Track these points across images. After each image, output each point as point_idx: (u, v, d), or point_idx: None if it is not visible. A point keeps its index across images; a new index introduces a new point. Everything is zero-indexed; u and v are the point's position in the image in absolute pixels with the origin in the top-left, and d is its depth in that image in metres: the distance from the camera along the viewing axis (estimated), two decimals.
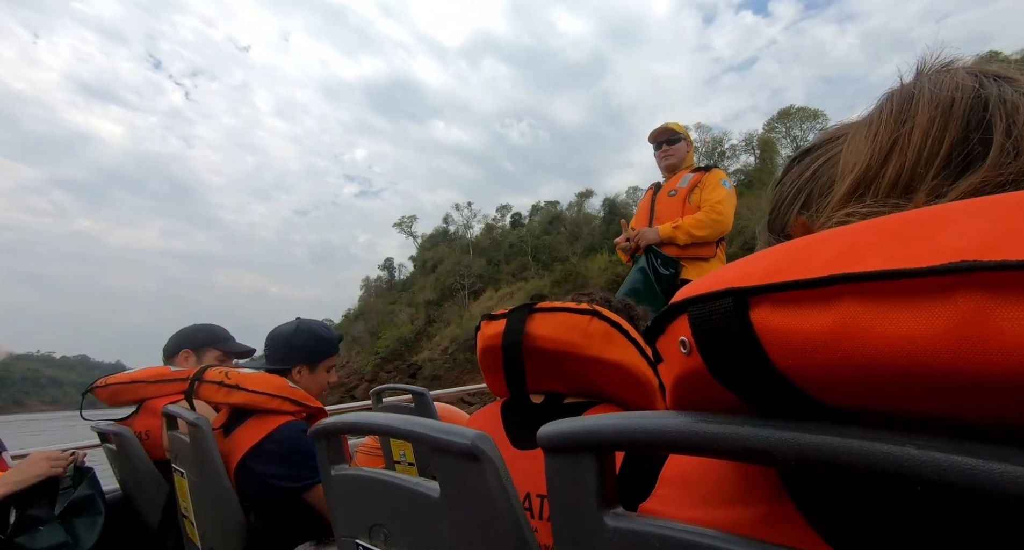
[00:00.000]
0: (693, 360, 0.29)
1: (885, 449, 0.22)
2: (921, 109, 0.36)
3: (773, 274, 0.26)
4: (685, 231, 2.45)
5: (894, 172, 0.36)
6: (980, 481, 0.20)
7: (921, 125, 0.35)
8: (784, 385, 0.26)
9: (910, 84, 0.39)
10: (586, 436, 0.38)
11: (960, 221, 0.22)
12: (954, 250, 0.21)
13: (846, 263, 0.23)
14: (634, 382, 0.81)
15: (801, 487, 0.32)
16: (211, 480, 1.24)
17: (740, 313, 0.26)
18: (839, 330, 0.23)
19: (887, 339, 0.21)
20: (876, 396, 0.23)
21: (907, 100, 0.37)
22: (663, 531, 0.33)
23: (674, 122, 2.74)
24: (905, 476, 0.22)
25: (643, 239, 2.51)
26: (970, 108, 0.35)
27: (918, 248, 0.22)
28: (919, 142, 0.35)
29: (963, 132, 0.34)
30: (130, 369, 1.75)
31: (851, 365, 0.23)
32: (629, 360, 0.81)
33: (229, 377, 1.31)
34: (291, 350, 1.48)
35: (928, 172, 0.34)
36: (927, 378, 0.21)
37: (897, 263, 0.22)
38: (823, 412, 0.26)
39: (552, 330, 0.83)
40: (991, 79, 0.36)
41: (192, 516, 1.37)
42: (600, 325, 0.81)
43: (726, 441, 0.28)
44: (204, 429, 1.23)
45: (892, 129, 0.37)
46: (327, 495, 0.77)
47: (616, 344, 0.81)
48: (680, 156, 2.69)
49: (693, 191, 2.58)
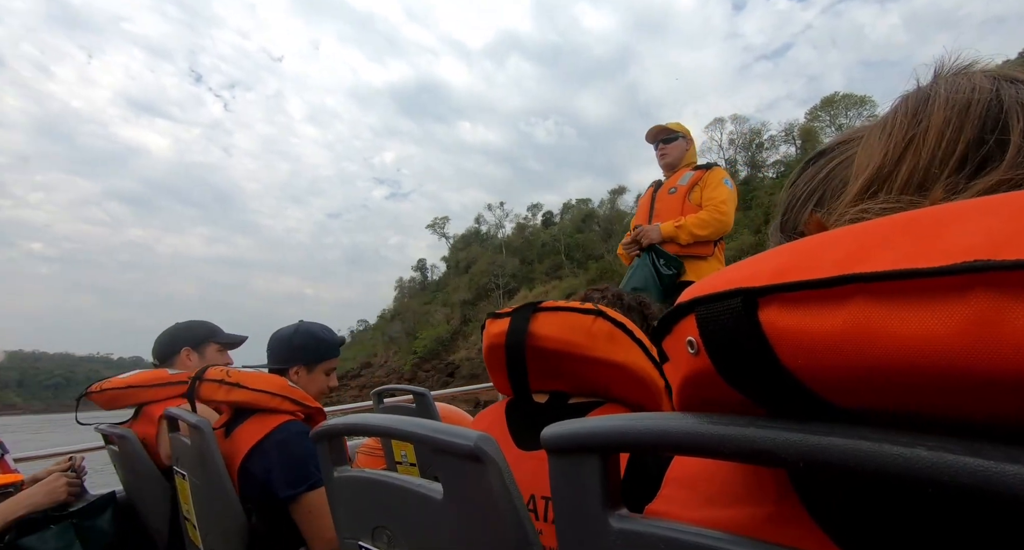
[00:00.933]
0: (701, 360, 0.29)
1: (896, 451, 0.22)
2: (936, 110, 0.36)
3: (782, 274, 0.26)
4: (688, 231, 2.45)
5: (908, 171, 0.35)
6: (992, 483, 0.20)
7: (936, 126, 0.35)
8: (793, 386, 0.26)
9: (926, 86, 0.39)
10: (590, 437, 0.37)
11: (971, 219, 0.22)
12: (965, 249, 0.21)
13: (856, 262, 0.23)
14: (639, 383, 0.80)
15: (810, 487, 0.32)
16: (212, 482, 1.24)
17: (749, 313, 0.26)
18: (850, 330, 0.23)
19: (900, 339, 0.21)
20: (887, 397, 0.23)
21: (923, 102, 0.37)
22: (668, 533, 0.33)
23: (673, 122, 2.76)
24: (916, 478, 0.22)
25: (645, 237, 2.51)
26: (987, 110, 0.34)
27: (928, 246, 0.22)
28: (934, 142, 0.35)
29: (979, 133, 0.34)
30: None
31: (862, 366, 0.23)
32: (633, 361, 0.80)
33: (230, 375, 1.32)
34: (290, 350, 1.49)
35: (943, 172, 0.34)
36: (941, 378, 0.21)
37: (908, 262, 0.22)
38: (832, 413, 0.26)
39: (556, 330, 0.82)
40: (1009, 82, 0.36)
41: (194, 518, 1.37)
42: (604, 325, 0.80)
43: (732, 443, 0.28)
44: (205, 431, 1.23)
45: (907, 129, 0.37)
46: (329, 497, 0.77)
47: (620, 345, 0.80)
48: (677, 154, 2.70)
49: (693, 189, 2.59)
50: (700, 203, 2.56)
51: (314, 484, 1.23)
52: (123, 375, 1.72)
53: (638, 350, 0.80)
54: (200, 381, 1.35)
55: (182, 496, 1.43)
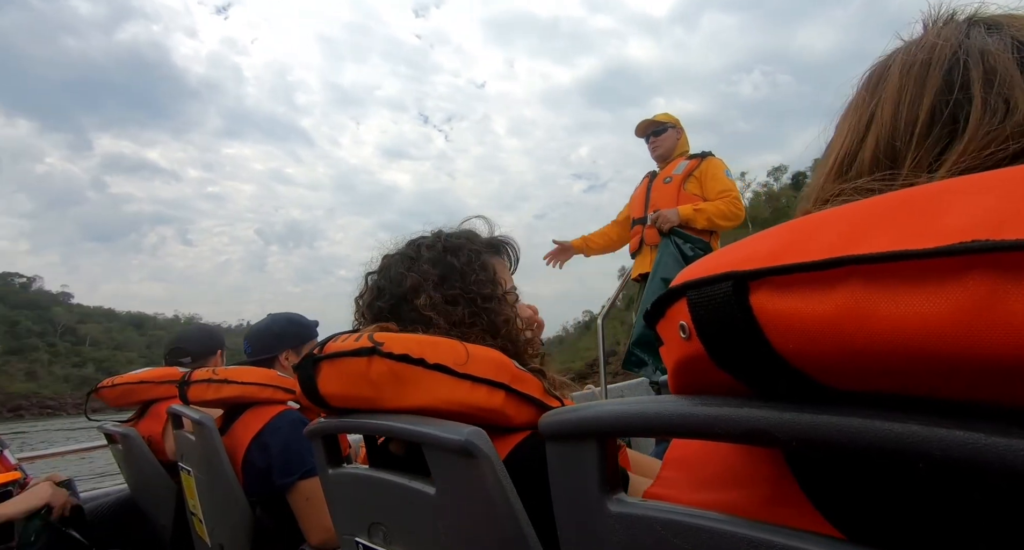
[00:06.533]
0: (693, 345, 0.29)
1: (888, 427, 0.22)
2: (891, 80, 0.35)
3: (775, 256, 0.25)
4: (707, 216, 2.45)
5: (871, 149, 0.34)
6: (984, 455, 0.20)
7: (890, 96, 0.34)
8: (785, 369, 0.25)
9: (887, 56, 0.37)
10: (587, 423, 0.38)
11: (967, 198, 0.21)
12: (962, 229, 0.20)
13: (850, 244, 0.23)
14: (468, 417, 0.60)
15: (806, 468, 0.32)
16: (217, 477, 1.25)
17: (740, 297, 0.26)
18: (844, 314, 0.22)
19: (895, 322, 0.21)
20: (881, 380, 0.23)
21: (880, 73, 0.36)
22: (666, 515, 0.33)
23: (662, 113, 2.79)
24: (909, 453, 0.22)
25: (665, 221, 2.47)
26: (949, 67, 0.33)
27: (924, 227, 0.21)
28: (890, 114, 0.34)
29: (943, 96, 0.32)
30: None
31: (856, 349, 0.22)
32: (441, 398, 0.60)
33: (216, 373, 1.32)
34: (273, 339, 1.52)
35: (910, 144, 0.33)
36: (936, 361, 0.20)
37: (904, 243, 0.21)
38: (825, 395, 0.26)
39: (339, 386, 0.64)
40: (981, 28, 0.34)
41: (200, 513, 1.38)
42: (382, 367, 0.61)
43: (726, 424, 0.28)
44: (209, 427, 1.23)
45: (866, 106, 0.36)
46: (325, 494, 0.77)
47: (411, 385, 0.61)
48: (668, 146, 2.72)
49: (688, 179, 2.60)
50: (698, 193, 2.56)
51: (309, 472, 1.23)
52: (134, 371, 1.73)
53: (443, 379, 0.60)
54: (187, 385, 1.34)
55: (188, 492, 1.44)
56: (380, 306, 0.76)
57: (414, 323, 0.73)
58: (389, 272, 0.78)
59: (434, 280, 0.74)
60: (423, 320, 0.73)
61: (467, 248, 0.78)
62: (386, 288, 0.76)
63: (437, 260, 0.76)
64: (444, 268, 0.76)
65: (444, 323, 0.73)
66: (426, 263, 0.76)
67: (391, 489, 0.63)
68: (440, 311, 0.73)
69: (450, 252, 0.77)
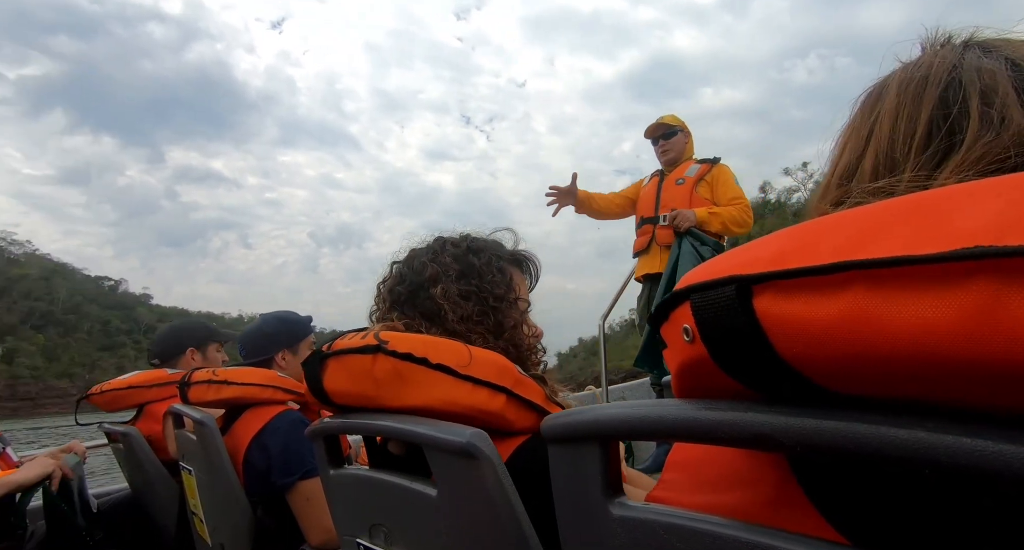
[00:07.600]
0: (696, 348, 0.29)
1: (894, 433, 0.22)
2: (888, 97, 0.36)
3: (779, 260, 0.25)
4: (722, 221, 2.46)
5: (871, 161, 0.35)
6: (992, 462, 0.19)
7: (888, 112, 0.35)
8: (789, 374, 0.25)
9: (886, 76, 0.38)
10: (590, 425, 0.38)
11: (973, 203, 0.21)
12: (968, 234, 0.20)
13: (856, 248, 0.23)
14: (467, 419, 0.61)
15: (809, 472, 0.31)
16: (218, 477, 1.25)
17: (743, 301, 0.26)
18: (848, 318, 0.22)
19: (899, 327, 0.21)
20: (885, 385, 0.23)
21: (879, 92, 0.37)
22: (668, 519, 0.33)
23: (669, 115, 2.77)
24: (915, 460, 0.21)
25: (684, 220, 2.46)
26: (946, 85, 0.34)
27: (930, 232, 0.21)
28: (888, 129, 0.34)
29: (940, 110, 0.33)
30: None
31: (860, 355, 0.22)
32: (442, 398, 0.61)
33: (217, 374, 1.32)
34: (267, 339, 1.51)
35: (908, 156, 0.34)
36: (941, 367, 0.20)
37: (909, 248, 0.21)
38: (829, 400, 0.26)
39: (344, 383, 0.65)
40: (982, 50, 0.35)
41: (201, 513, 1.38)
42: (386, 364, 0.62)
43: (729, 428, 0.28)
44: (210, 426, 1.23)
45: (865, 123, 0.36)
46: (326, 495, 0.77)
47: (412, 385, 0.62)
48: (679, 149, 2.72)
49: (700, 182, 2.61)
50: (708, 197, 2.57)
51: (309, 472, 1.23)
52: (123, 376, 1.73)
53: (444, 379, 0.61)
54: (188, 385, 1.34)
55: (189, 491, 1.44)
56: (400, 291, 0.79)
57: (427, 311, 0.76)
58: (413, 262, 0.81)
59: (453, 274, 0.77)
60: (436, 309, 0.75)
61: (490, 252, 0.82)
62: (407, 275, 0.80)
63: (459, 256, 0.79)
64: (464, 265, 0.78)
65: (453, 316, 0.75)
66: (448, 256, 0.79)
67: (392, 490, 0.63)
68: (453, 303, 0.75)
69: (473, 252, 0.80)
